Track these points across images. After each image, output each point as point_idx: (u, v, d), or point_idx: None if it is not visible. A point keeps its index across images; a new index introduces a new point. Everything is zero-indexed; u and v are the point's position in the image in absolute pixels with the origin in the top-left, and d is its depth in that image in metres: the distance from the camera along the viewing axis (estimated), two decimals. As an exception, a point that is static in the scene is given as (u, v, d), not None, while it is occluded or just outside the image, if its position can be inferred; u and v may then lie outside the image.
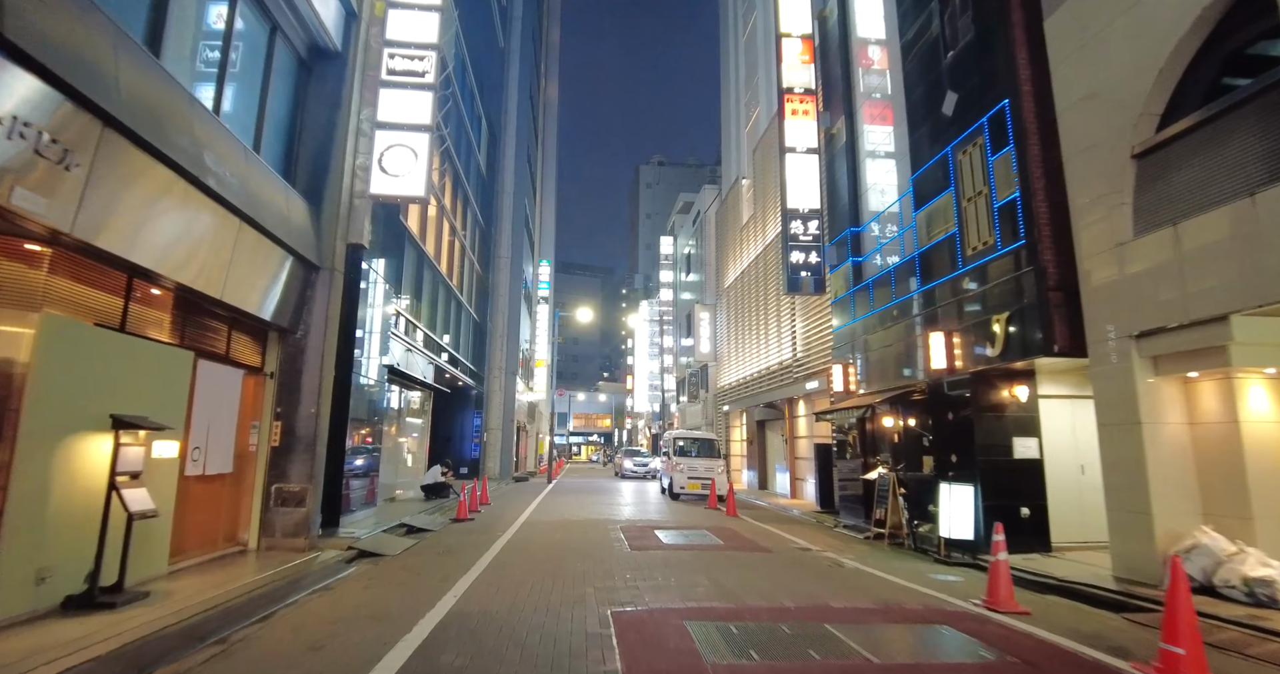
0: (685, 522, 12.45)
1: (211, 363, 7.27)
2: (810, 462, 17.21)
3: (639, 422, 58.86)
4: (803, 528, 12.18)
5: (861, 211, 13.42)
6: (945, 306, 9.84)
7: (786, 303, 18.72)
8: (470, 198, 22.66)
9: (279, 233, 7.79)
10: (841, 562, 8.31)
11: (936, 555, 8.86)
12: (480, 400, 25.34)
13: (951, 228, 9.71)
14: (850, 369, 13.09)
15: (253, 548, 8.08)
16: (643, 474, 30.42)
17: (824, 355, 15.78)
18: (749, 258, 23.28)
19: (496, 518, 12.65)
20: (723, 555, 8.43)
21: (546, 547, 8.94)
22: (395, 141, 9.60)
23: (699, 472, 17.27)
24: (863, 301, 12.69)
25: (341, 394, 10.26)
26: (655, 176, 70.09)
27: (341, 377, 10.27)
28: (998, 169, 8.70)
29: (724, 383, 26.27)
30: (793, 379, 17.97)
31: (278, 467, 8.30)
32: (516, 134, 29.99)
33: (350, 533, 9.55)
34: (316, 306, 8.72)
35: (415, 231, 15.75)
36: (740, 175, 25.39)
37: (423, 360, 16.45)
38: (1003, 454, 9.01)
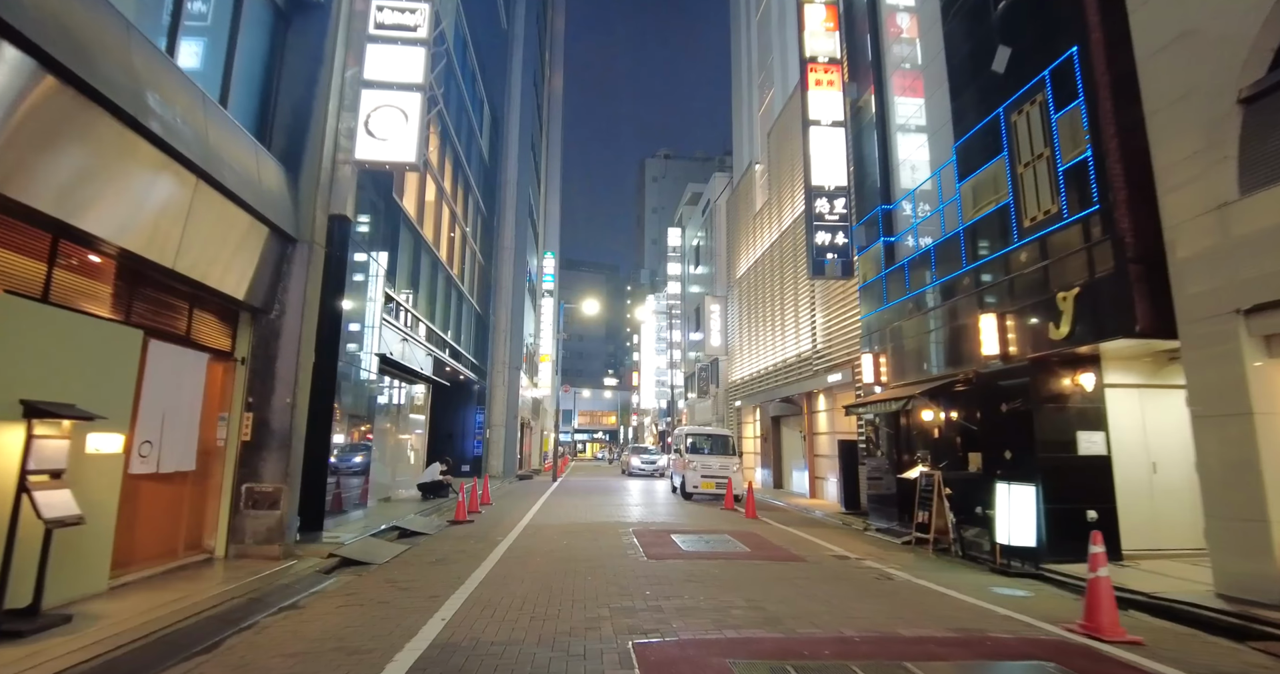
0: (703, 524, 11.46)
1: (167, 344, 6.31)
2: (832, 459, 16.19)
3: (645, 418, 57.91)
4: (831, 531, 11.17)
5: (893, 188, 12.39)
6: (996, 286, 8.81)
7: (805, 292, 17.69)
8: (472, 184, 21.69)
9: (248, 198, 6.83)
10: (889, 573, 7.30)
11: (992, 564, 7.85)
12: (483, 396, 24.40)
13: (1004, 197, 8.68)
14: (882, 359, 12.06)
15: (220, 556, 7.14)
16: (650, 472, 29.44)
17: (848, 346, 14.76)
18: (762, 246, 22.25)
19: (498, 520, 11.69)
20: (753, 566, 7.44)
21: (552, 555, 7.96)
22: (383, 102, 8.63)
23: (713, 470, 16.27)
24: (896, 285, 11.66)
25: (325, 384, 9.31)
26: (661, 170, 68.92)
27: (325, 364, 9.32)
28: (1063, 128, 7.66)
29: (736, 377, 25.27)
30: (812, 372, 16.95)
31: (249, 464, 7.34)
32: (520, 121, 29.01)
33: (334, 538, 8.59)
34: (293, 284, 7.76)
35: (412, 214, 14.79)
36: (753, 160, 24.34)
37: (421, 352, 15.50)
38: (1066, 450, 7.99)
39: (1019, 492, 7.69)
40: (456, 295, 20.45)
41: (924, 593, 6.33)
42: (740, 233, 25.52)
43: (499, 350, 26.61)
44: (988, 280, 9.01)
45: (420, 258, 15.61)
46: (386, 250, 12.34)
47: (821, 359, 16.41)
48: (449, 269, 18.90)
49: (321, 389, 9.25)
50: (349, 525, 9.69)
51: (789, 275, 19.23)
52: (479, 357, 24.19)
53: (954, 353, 9.83)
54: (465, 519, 11.29)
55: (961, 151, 9.80)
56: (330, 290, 9.35)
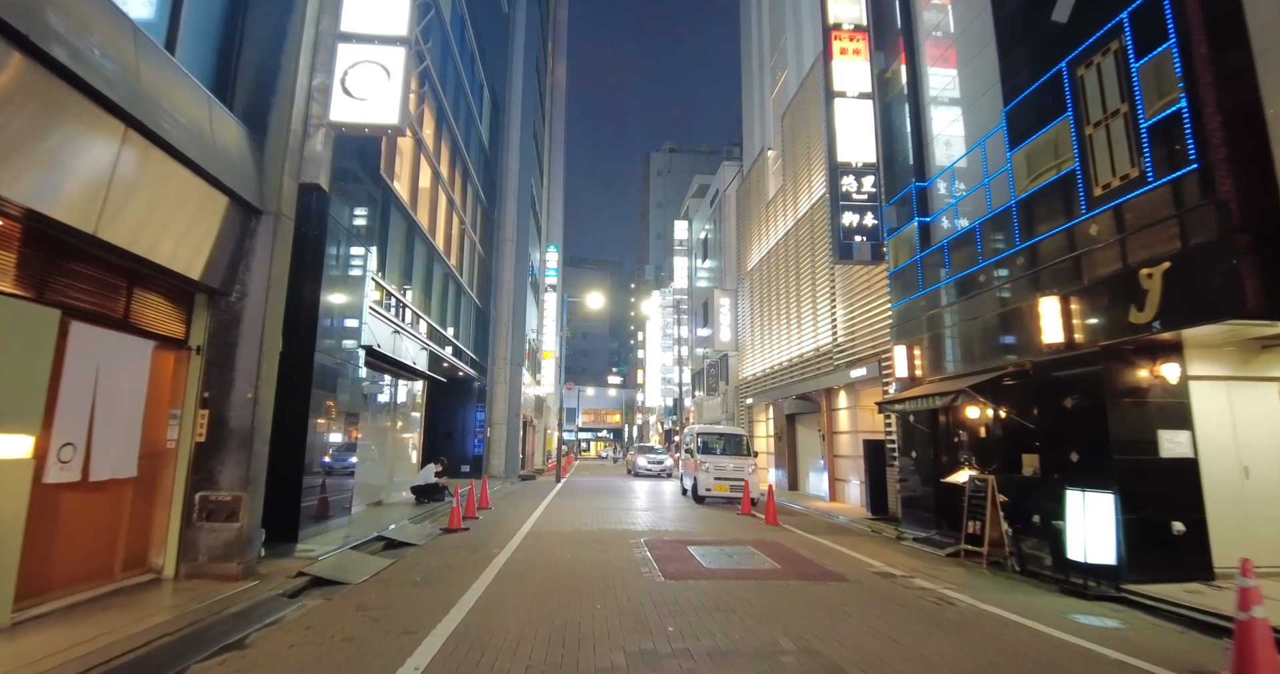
0: (721, 533, 10.43)
1: (97, 328, 5.31)
2: (855, 460, 15.15)
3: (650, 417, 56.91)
4: (862, 540, 10.13)
5: (927, 164, 11.32)
6: (1059, 265, 7.74)
7: (825, 282, 16.63)
8: (471, 171, 20.69)
9: (199, 158, 5.83)
10: (947, 596, 6.26)
11: (1062, 583, 6.80)
12: (483, 393, 23.41)
13: (1067, 164, 7.61)
14: (916, 351, 11.00)
15: (168, 576, 6.14)
16: (657, 472, 28.43)
17: (873, 339, 13.71)
18: (776, 236, 21.19)
19: (495, 527, 10.68)
20: (788, 588, 6.40)
21: (554, 573, 6.94)
22: (362, 57, 7.61)
23: (727, 472, 15.24)
24: (933, 269, 10.60)
25: (300, 378, 8.32)
26: (667, 164, 67.75)
27: (300, 356, 8.33)
28: (1146, 78, 6.60)
29: (746, 374, 24.22)
30: (832, 367, 15.89)
31: (204, 469, 6.34)
32: (522, 108, 27.98)
33: (309, 551, 7.59)
34: (257, 261, 6.75)
35: (404, 197, 13.78)
36: (765, 146, 23.27)
37: (414, 346, 14.50)
38: (1145, 452, 6.94)
39: (1095, 500, 6.64)
40: (455, 288, 19.45)
41: (999, 624, 5.29)
42: (751, 223, 24.46)
43: (500, 346, 25.62)
44: (1047, 258, 7.95)
45: (414, 245, 14.60)
46: (374, 234, 11.34)
47: (843, 353, 15.36)
48: (446, 260, 17.90)
49: (296, 383, 8.28)
50: (329, 535, 8.70)
51: (806, 265, 18.16)
52: (479, 352, 23.20)
53: (1005, 342, 8.77)
54: (460, 527, 10.29)
55: (1012, 116, 8.74)
56: (303, 271, 8.35)
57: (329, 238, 8.79)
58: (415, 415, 16.84)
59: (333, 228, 8.93)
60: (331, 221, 8.87)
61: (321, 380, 8.80)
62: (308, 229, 8.51)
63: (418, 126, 14.67)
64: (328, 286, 8.80)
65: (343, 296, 9.48)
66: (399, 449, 15.06)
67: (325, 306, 8.76)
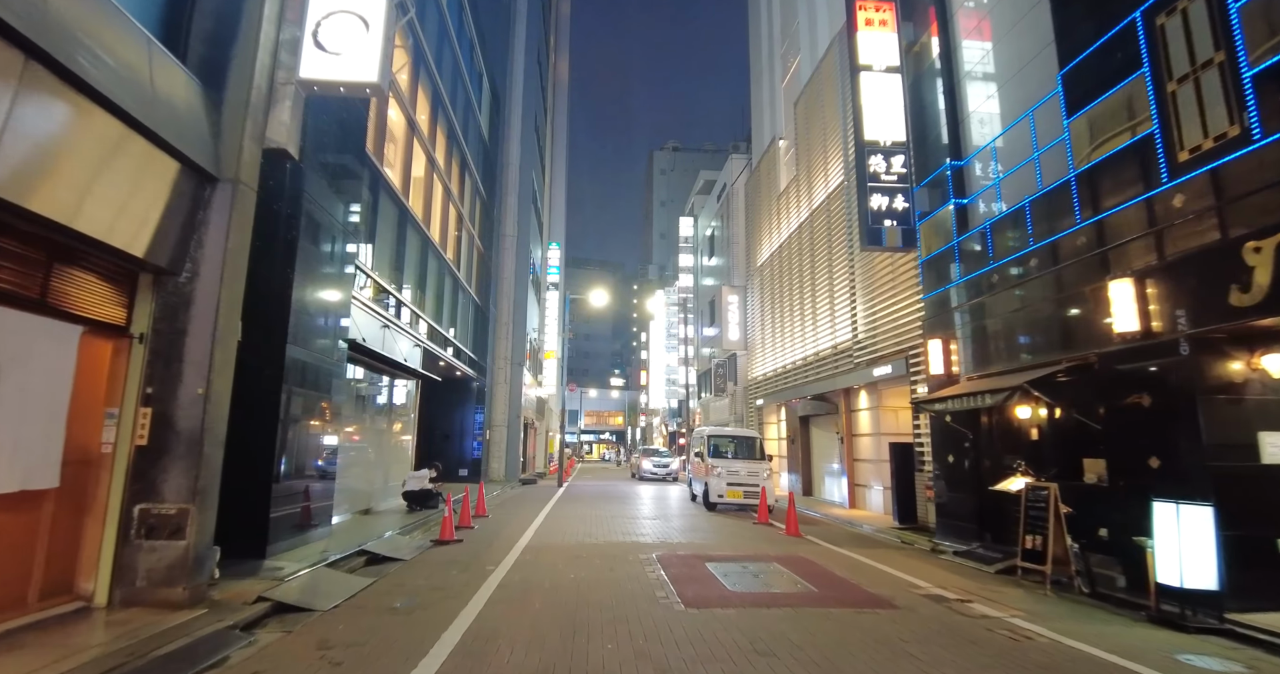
0: (739, 546, 9.46)
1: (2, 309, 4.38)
2: (877, 465, 14.18)
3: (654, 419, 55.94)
4: (895, 554, 9.16)
5: (963, 143, 10.38)
6: (1133, 242, 6.78)
7: (843, 275, 15.67)
8: (469, 161, 19.78)
9: (135, 110, 4.92)
10: (1021, 628, 5.29)
11: (1152, 611, 5.82)
12: (482, 394, 22.48)
13: (1144, 127, 6.66)
14: (953, 346, 10.04)
15: (99, 605, 5.19)
16: (663, 476, 27.50)
17: (898, 334, 12.75)
18: (788, 229, 20.24)
19: (492, 538, 9.73)
20: (832, 619, 5.44)
21: (556, 597, 5.99)
22: (338, 7, 6.68)
23: (741, 477, 14.26)
24: (973, 255, 9.65)
25: (272, 373, 7.39)
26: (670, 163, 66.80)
27: (270, 348, 7.40)
28: (1250, 18, 5.64)
29: (756, 374, 23.25)
30: (852, 365, 14.93)
31: (144, 477, 5.40)
32: (523, 100, 27.10)
33: (277, 569, 6.65)
34: (211, 236, 5.81)
35: (396, 183, 12.86)
36: (777, 136, 22.34)
37: (407, 342, 13.56)
38: (1245, 457, 5.98)
39: (1191, 514, 5.66)
40: (452, 283, 18.53)
41: (1101, 670, 4.32)
42: (761, 217, 23.51)
43: (500, 345, 24.69)
44: (1118, 236, 6.98)
45: (406, 234, 13.68)
46: (360, 218, 10.42)
47: (864, 350, 14.39)
48: (443, 253, 16.98)
49: (266, 379, 7.35)
50: (305, 549, 7.75)
51: (822, 258, 17.21)
52: (478, 352, 22.27)
53: (1063, 333, 7.81)
54: (453, 538, 9.34)
55: (1070, 80, 7.78)
56: (274, 253, 7.43)
57: (304, 217, 7.86)
58: (409, 417, 15.90)
59: (309, 206, 8.00)
60: (308, 199, 7.95)
61: (297, 377, 7.86)
62: (279, 206, 7.59)
63: (411, 108, 13.77)
64: (304, 272, 7.86)
65: (322, 285, 8.54)
66: (391, 453, 14.13)
67: (301, 295, 7.82)
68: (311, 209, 8.10)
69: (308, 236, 8.03)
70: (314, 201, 8.17)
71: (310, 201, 8.05)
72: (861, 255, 14.66)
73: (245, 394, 6.83)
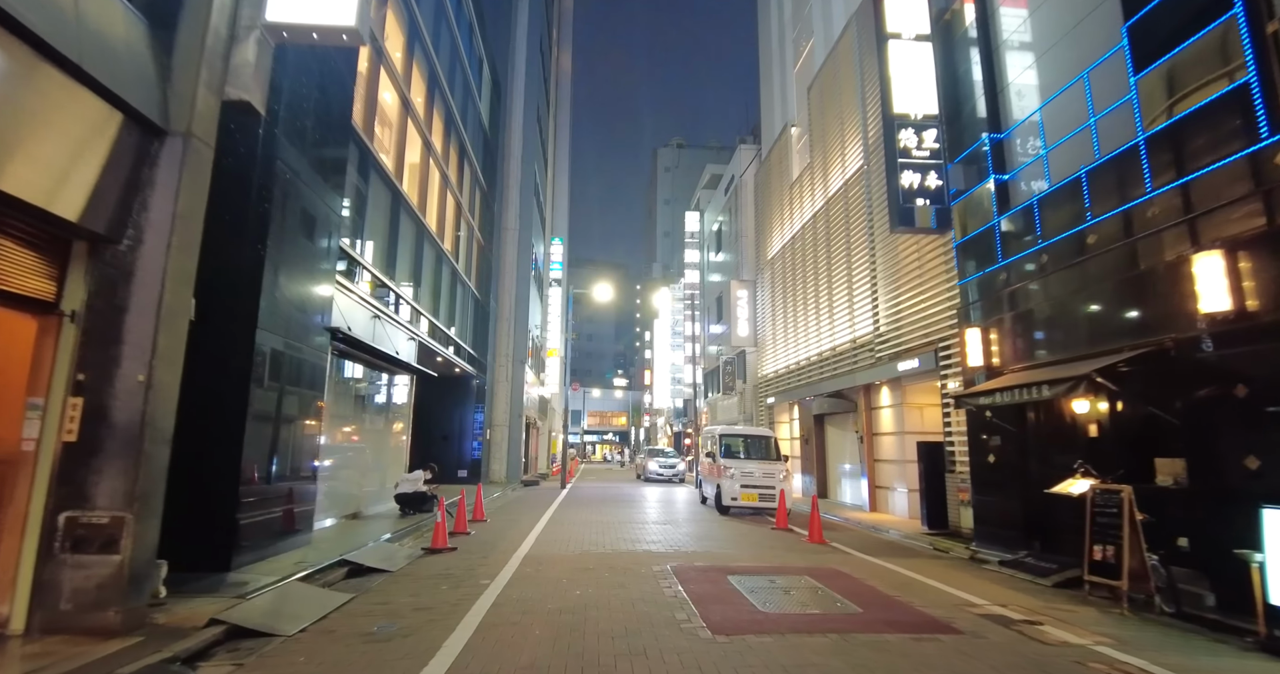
0: (762, 556, 8.60)
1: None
2: (900, 466, 13.30)
3: (658, 419, 55.07)
4: (934, 564, 8.29)
5: (1002, 114, 9.51)
6: (1222, 210, 5.91)
7: (863, 264, 14.80)
8: (468, 149, 18.96)
9: (63, 46, 4.12)
10: (1120, 662, 4.42)
11: (1259, 637, 4.95)
12: (482, 392, 21.65)
13: (1235, 77, 5.79)
14: (993, 335, 9.17)
15: (15, 632, 4.36)
16: (669, 477, 26.63)
17: (927, 326, 11.88)
18: (801, 219, 19.37)
19: (489, 547, 8.89)
20: (889, 649, 4.57)
21: (558, 624, 5.12)
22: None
23: (755, 478, 13.39)
24: (1018, 234, 8.78)
25: (239, 363, 6.59)
26: (675, 159, 65.84)
27: (236, 334, 6.60)
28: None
29: (767, 371, 22.38)
30: (874, 360, 14.06)
31: (72, 480, 4.57)
32: (525, 89, 26.30)
33: (242, 583, 5.82)
34: (158, 198, 4.98)
35: (388, 165, 12.05)
36: (788, 123, 21.47)
37: (400, 335, 12.74)
38: (1366, 457, 5.08)
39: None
40: (450, 275, 17.71)
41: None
42: (772, 208, 22.64)
43: (502, 341, 23.87)
44: (1204, 204, 6.11)
45: (399, 220, 12.85)
46: (345, 194, 9.60)
47: (887, 344, 13.52)
48: (440, 243, 16.16)
49: (232, 370, 6.53)
50: (278, 561, 6.91)
51: (839, 248, 16.33)
52: (478, 348, 21.45)
53: (1130, 316, 6.93)
54: (446, 546, 8.50)
55: (1139, 31, 6.91)
56: (242, 225, 6.61)
57: (278, 188, 7.03)
58: (404, 416, 15.05)
59: (285, 176, 7.17)
60: (283, 168, 7.12)
61: (270, 367, 7.03)
62: (249, 173, 6.77)
63: (405, 87, 12.95)
64: (278, 250, 7.04)
65: (301, 265, 7.71)
66: (385, 453, 13.29)
67: (274, 275, 7.00)
68: (288, 180, 7.27)
69: (283, 211, 7.20)
70: (291, 172, 7.34)
71: (286, 172, 7.22)
72: (884, 243, 13.80)
73: (208, 385, 6.04)
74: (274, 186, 6.96)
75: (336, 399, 10.69)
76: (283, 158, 7.13)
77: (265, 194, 6.87)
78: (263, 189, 6.86)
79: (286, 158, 7.22)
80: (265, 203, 6.85)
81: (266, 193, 6.88)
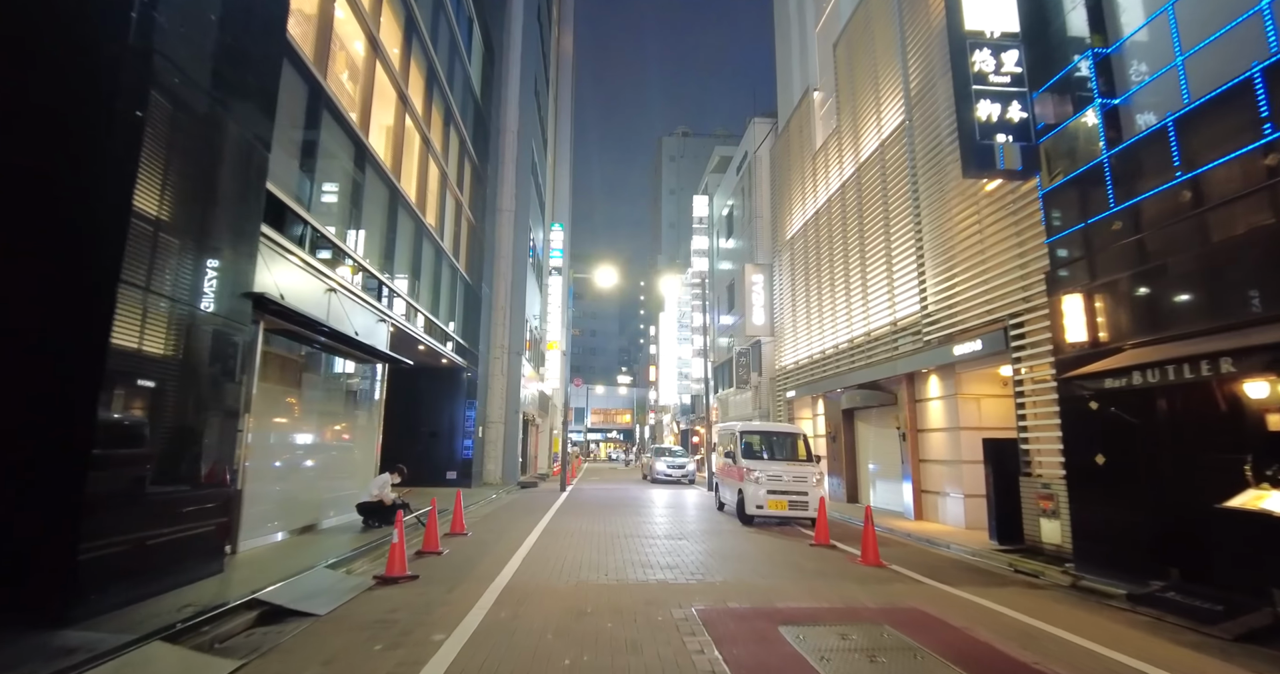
0: (813, 587, 6.66)
1: None
2: (954, 467, 11.34)
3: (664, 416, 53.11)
4: (1039, 600, 6.35)
5: (1109, 23, 7.52)
6: None
7: (904, 235, 12.83)
8: (454, 113, 17.02)
9: None
10: None
11: None
12: (474, 386, 19.74)
13: None
14: (1100, 303, 7.20)
15: None
16: (678, 478, 24.69)
17: (991, 301, 9.97)
18: (827, 191, 17.40)
19: (459, 572, 6.98)
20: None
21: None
22: None
23: (784, 483, 11.44)
24: (1141, 169, 6.80)
25: (78, 322, 4.67)
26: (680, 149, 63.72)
27: (77, 277, 4.69)
28: None
29: (786, 362, 20.41)
30: (921, 344, 12.11)
31: None
32: (521, 60, 24.35)
33: (69, 650, 3.92)
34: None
35: (353, 117, 10.12)
36: (811, 86, 19.48)
37: (366, 315, 10.84)
38: None
39: None
40: (435, 254, 15.79)
41: None
42: (791, 183, 20.66)
43: (497, 331, 21.96)
44: None
45: (365, 180, 10.93)
46: (283, 133, 7.68)
47: (937, 326, 11.56)
48: (420, 215, 14.24)
49: (66, 332, 4.63)
50: (161, 602, 5.01)
51: (874, 219, 14.37)
52: (469, 337, 19.55)
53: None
54: (404, 574, 6.60)
55: None
56: (89, 127, 4.72)
57: (156, 87, 5.11)
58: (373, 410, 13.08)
59: (165, 73, 5.24)
60: (162, 63, 5.19)
61: (150, 335, 5.12)
62: (109, 65, 4.85)
63: (372, 24, 11.02)
64: (157, 175, 5.12)
65: (204, 205, 5.80)
66: (350, 453, 11.38)
67: (154, 208, 5.08)
68: (176, 86, 5.34)
69: (171, 126, 5.28)
70: (182, 76, 5.41)
71: (173, 73, 5.30)
72: (932, 208, 11.83)
73: (27, 360, 4.14)
74: (151, 88, 5.05)
75: (283, 388, 8.79)
76: (167, 53, 5.21)
77: (139, 97, 4.95)
78: (132, 89, 4.94)
79: (174, 55, 5.30)
80: (137, 108, 4.93)
81: (139, 96, 4.96)
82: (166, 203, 5.24)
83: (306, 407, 9.65)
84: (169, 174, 5.25)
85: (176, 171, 5.36)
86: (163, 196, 5.19)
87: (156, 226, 5.13)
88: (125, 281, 4.78)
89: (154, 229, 5.10)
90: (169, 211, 5.28)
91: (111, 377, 4.70)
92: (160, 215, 5.17)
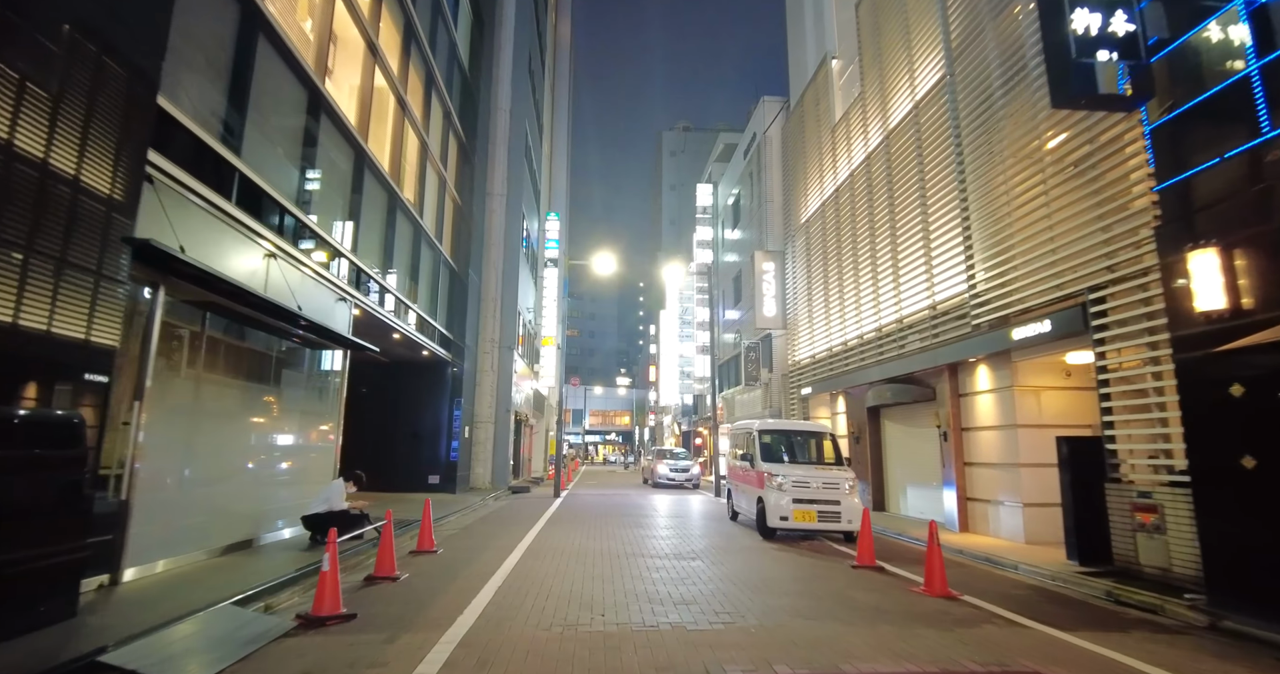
0: (880, 636, 5.03)
1: None
2: (1009, 472, 9.69)
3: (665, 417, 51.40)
4: (1184, 651, 4.72)
5: (1244, -93, 5.88)
6: None
7: (945, 206, 11.21)
8: (437, 79, 15.39)
9: None
10: None
11: None
12: (460, 382, 18.07)
13: None
14: (1240, 260, 5.57)
15: None
16: (681, 482, 23.04)
17: (1061, 274, 8.37)
18: (849, 166, 15.78)
19: (413, 610, 5.35)
20: None
21: None
22: None
23: (812, 490, 9.78)
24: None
25: None
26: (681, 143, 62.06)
27: None
28: None
29: (801, 356, 18.77)
30: (968, 330, 10.48)
31: None
32: (514, 35, 22.74)
33: None
34: None
35: (306, 57, 8.47)
36: (829, 54, 17.86)
37: (319, 291, 9.20)
38: None
39: None
40: (413, 233, 14.16)
41: None
42: (807, 162, 19.04)
43: (486, 323, 20.30)
44: None
45: (319, 127, 9.28)
46: (195, 42, 6.05)
47: (988, 307, 9.93)
48: (395, 186, 12.60)
49: None
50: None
51: (906, 192, 12.74)
52: (455, 329, 17.89)
53: None
54: (338, 612, 4.97)
55: None
56: None
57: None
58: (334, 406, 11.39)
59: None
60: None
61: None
62: None
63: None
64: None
65: (52, 107, 4.16)
66: (297, 456, 9.70)
67: None
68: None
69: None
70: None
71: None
72: (979, 171, 10.21)
73: None
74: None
75: (207, 374, 7.13)
76: None
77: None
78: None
79: None
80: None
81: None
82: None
83: (242, 400, 8.00)
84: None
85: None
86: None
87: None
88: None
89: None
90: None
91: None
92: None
